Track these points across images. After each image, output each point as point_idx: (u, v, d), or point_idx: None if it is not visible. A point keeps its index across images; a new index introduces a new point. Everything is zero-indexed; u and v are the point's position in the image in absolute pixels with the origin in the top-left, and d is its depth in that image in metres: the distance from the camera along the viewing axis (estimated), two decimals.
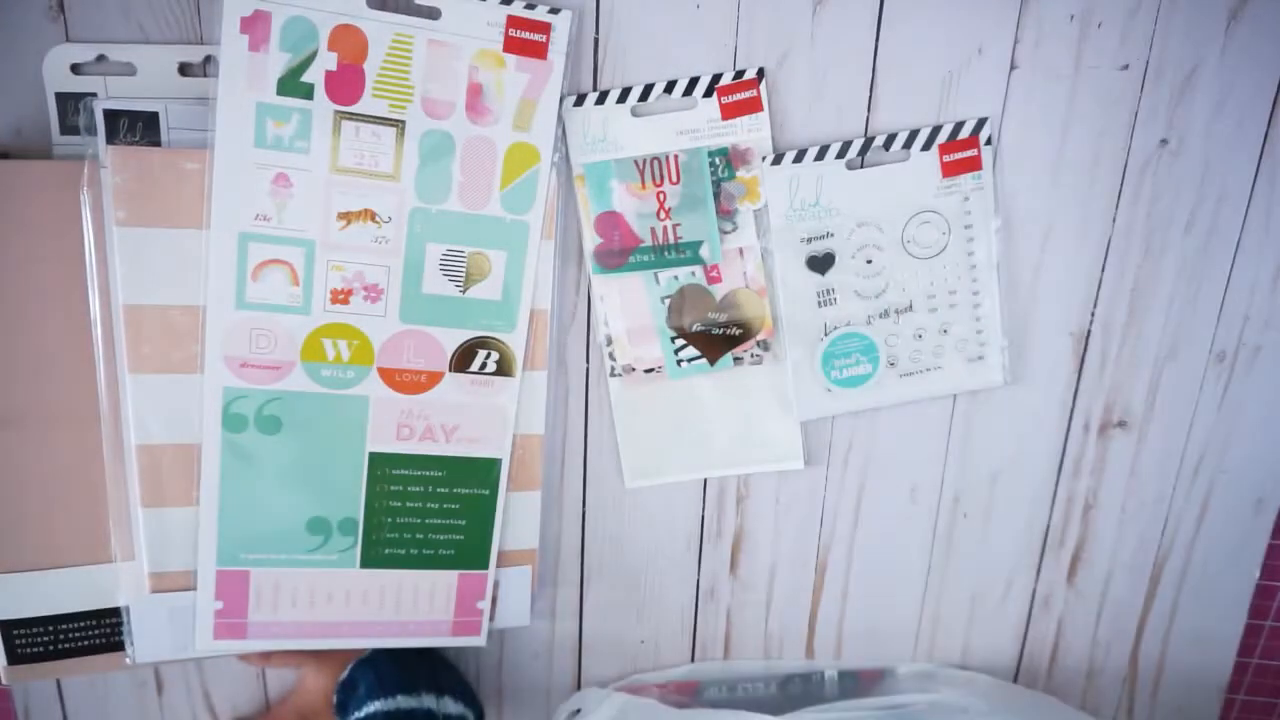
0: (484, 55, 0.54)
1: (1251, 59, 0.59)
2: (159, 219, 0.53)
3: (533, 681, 0.69)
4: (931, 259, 0.61)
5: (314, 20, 0.51)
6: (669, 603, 0.68)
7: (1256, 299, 0.64)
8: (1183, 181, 0.61)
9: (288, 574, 0.59)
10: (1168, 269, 0.63)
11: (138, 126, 0.52)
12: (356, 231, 0.55)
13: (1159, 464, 0.68)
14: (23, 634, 0.57)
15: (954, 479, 0.67)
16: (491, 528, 0.61)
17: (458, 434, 0.59)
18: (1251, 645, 0.75)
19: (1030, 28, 0.58)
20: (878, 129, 0.59)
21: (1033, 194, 0.61)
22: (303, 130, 0.53)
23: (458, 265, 0.57)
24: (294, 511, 0.58)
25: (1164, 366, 0.65)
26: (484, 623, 0.63)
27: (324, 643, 0.61)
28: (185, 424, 0.55)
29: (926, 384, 0.63)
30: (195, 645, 0.58)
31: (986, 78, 0.58)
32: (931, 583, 0.70)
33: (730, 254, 0.60)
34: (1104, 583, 0.71)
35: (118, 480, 0.56)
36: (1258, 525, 0.70)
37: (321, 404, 0.56)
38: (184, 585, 0.57)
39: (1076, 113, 0.60)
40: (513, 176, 0.56)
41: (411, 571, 0.61)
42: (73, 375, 0.54)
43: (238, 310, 0.54)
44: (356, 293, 0.56)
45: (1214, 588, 0.71)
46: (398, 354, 0.57)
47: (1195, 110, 0.60)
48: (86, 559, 0.57)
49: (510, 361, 0.59)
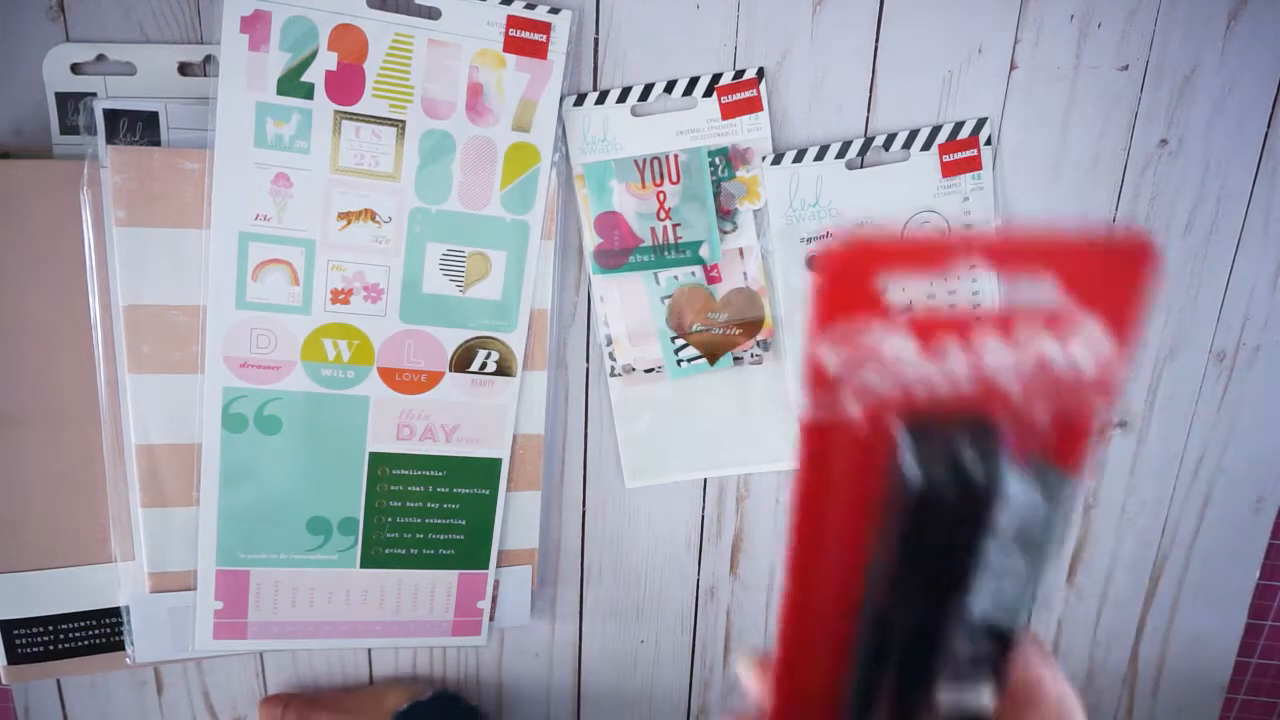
0: (484, 55, 0.54)
1: (1251, 59, 0.59)
2: (159, 219, 0.53)
3: (533, 681, 0.69)
4: None
5: (314, 20, 0.51)
6: (669, 603, 0.68)
7: (1256, 299, 0.64)
8: (1182, 182, 0.61)
9: (288, 574, 0.59)
10: (1167, 269, 0.63)
11: (138, 126, 0.52)
12: (356, 231, 0.55)
13: (1159, 464, 0.68)
14: (23, 634, 0.57)
15: None
16: (491, 528, 0.61)
17: (458, 434, 0.59)
18: (1251, 645, 0.75)
19: (1030, 28, 0.58)
20: (877, 129, 0.59)
21: (1033, 194, 0.61)
22: (303, 130, 0.53)
23: (458, 265, 0.57)
24: (294, 511, 0.58)
25: (1164, 366, 0.65)
26: (484, 622, 0.63)
27: (324, 643, 0.61)
28: (185, 424, 0.55)
29: None
30: (195, 645, 0.58)
31: (986, 78, 0.59)
32: None
33: (730, 254, 0.60)
34: (1104, 582, 0.71)
35: (118, 480, 0.56)
36: (1258, 525, 0.70)
37: (321, 404, 0.56)
38: (184, 585, 0.57)
39: (1076, 113, 0.60)
40: (513, 176, 0.56)
41: (411, 571, 0.61)
42: (73, 375, 0.54)
43: (238, 310, 0.54)
44: (356, 292, 0.56)
45: (1214, 587, 0.71)
46: (398, 354, 0.57)
47: (1195, 110, 0.60)
48: (86, 559, 0.57)
49: (510, 361, 0.59)
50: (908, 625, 0.23)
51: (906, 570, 0.22)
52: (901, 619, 0.23)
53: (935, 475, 0.20)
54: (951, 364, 0.20)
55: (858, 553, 0.23)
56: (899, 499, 0.21)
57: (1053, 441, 0.21)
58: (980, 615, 0.24)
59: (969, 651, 0.24)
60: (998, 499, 0.21)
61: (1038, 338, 0.20)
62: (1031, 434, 0.21)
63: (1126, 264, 0.20)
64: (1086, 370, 0.21)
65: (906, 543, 0.21)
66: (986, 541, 0.22)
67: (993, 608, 0.23)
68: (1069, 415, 0.21)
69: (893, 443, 0.21)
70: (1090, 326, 0.21)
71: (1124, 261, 0.20)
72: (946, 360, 0.20)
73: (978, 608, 0.23)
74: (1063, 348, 0.21)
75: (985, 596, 0.23)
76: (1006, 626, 0.24)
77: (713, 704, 0.71)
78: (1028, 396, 0.21)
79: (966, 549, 0.21)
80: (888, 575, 0.22)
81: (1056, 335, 0.21)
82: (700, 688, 0.71)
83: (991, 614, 0.24)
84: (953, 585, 0.22)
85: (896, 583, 0.22)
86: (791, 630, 0.24)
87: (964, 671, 0.24)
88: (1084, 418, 0.21)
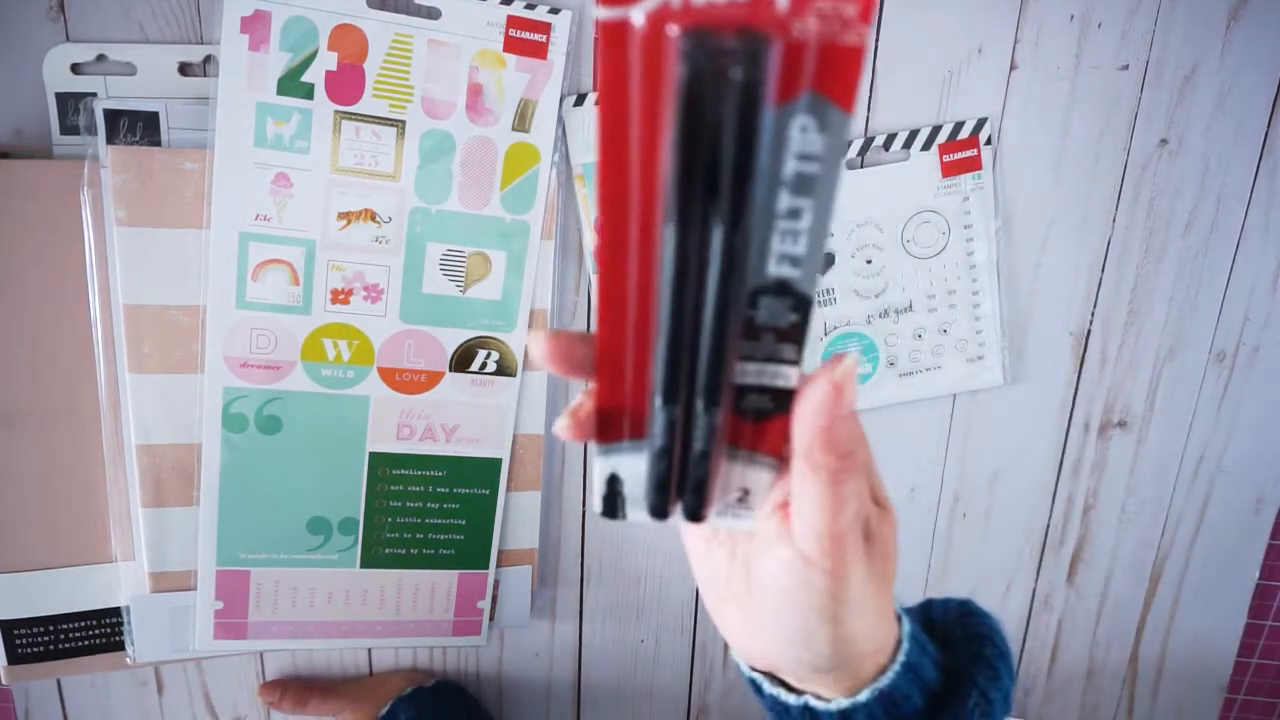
0: (484, 55, 0.54)
1: (1251, 59, 0.59)
2: (159, 219, 0.53)
3: (533, 681, 0.69)
4: (931, 259, 0.61)
5: (314, 20, 0.51)
6: (669, 603, 0.68)
7: (1256, 299, 0.64)
8: (1183, 181, 0.61)
9: (288, 574, 0.59)
10: (1167, 269, 0.63)
11: (138, 126, 0.52)
12: (356, 231, 0.55)
13: (1159, 464, 0.68)
14: (23, 634, 0.57)
15: (954, 479, 0.67)
16: (491, 528, 0.61)
17: (458, 434, 0.59)
18: (1251, 645, 0.74)
19: (1030, 27, 0.58)
20: (878, 129, 0.59)
21: (1033, 194, 0.61)
22: (303, 130, 0.53)
23: (458, 265, 0.57)
24: (294, 511, 0.58)
25: (1164, 366, 0.65)
26: (484, 622, 0.63)
27: (324, 643, 0.61)
28: (185, 424, 0.55)
29: (926, 384, 0.63)
30: (195, 645, 0.58)
31: (986, 77, 0.58)
32: (931, 582, 0.70)
33: None
34: (1104, 583, 0.71)
35: (117, 480, 0.56)
36: (1257, 525, 0.70)
37: (321, 404, 0.56)
38: (184, 585, 0.57)
39: (1076, 112, 0.60)
40: (513, 176, 0.56)
41: (411, 571, 0.61)
42: (73, 375, 0.54)
43: (238, 310, 0.54)
44: (356, 292, 0.56)
45: (1214, 587, 0.71)
46: (398, 354, 0.57)
47: (1195, 110, 0.60)
48: (86, 559, 0.57)
49: (510, 361, 0.59)
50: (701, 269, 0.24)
51: (688, 182, 0.22)
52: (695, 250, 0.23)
53: (700, 65, 0.21)
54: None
55: (655, 174, 0.23)
56: (675, 100, 0.22)
57: (822, 73, 0.23)
58: (774, 275, 0.24)
59: (769, 317, 0.25)
60: (764, 102, 0.22)
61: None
62: (800, 57, 0.22)
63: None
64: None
65: (685, 148, 0.22)
66: (762, 158, 0.23)
67: (784, 263, 0.24)
68: (834, 43, 0.22)
69: (671, 45, 0.22)
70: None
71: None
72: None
73: (769, 266, 0.24)
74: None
75: (774, 246, 0.24)
76: (801, 289, 0.25)
77: (713, 704, 0.71)
78: (793, 8, 0.22)
79: (744, 152, 0.22)
80: (677, 193, 0.23)
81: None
82: (700, 688, 0.71)
83: (786, 273, 0.24)
84: (738, 207, 0.23)
85: (684, 201, 0.23)
86: (606, 269, 0.25)
87: (767, 344, 0.25)
88: (849, 48, 0.22)
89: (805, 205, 0.24)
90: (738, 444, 0.27)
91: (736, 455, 0.27)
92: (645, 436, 0.27)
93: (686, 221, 0.23)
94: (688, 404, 0.26)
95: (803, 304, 0.25)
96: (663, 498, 0.27)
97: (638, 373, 0.26)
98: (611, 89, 0.23)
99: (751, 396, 0.26)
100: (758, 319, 0.25)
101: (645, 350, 0.26)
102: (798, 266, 0.24)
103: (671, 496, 0.27)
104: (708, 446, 0.26)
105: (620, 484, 0.28)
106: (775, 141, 0.23)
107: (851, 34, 0.22)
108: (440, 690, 0.64)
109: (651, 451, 0.26)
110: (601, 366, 0.26)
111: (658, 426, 0.26)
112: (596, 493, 0.28)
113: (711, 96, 0.22)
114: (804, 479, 0.25)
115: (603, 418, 0.27)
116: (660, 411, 0.26)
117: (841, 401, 0.24)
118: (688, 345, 0.25)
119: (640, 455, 0.27)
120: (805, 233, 0.24)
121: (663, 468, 0.26)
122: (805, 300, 0.25)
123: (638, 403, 0.26)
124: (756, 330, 0.25)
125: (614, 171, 0.24)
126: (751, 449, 0.27)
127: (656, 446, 0.26)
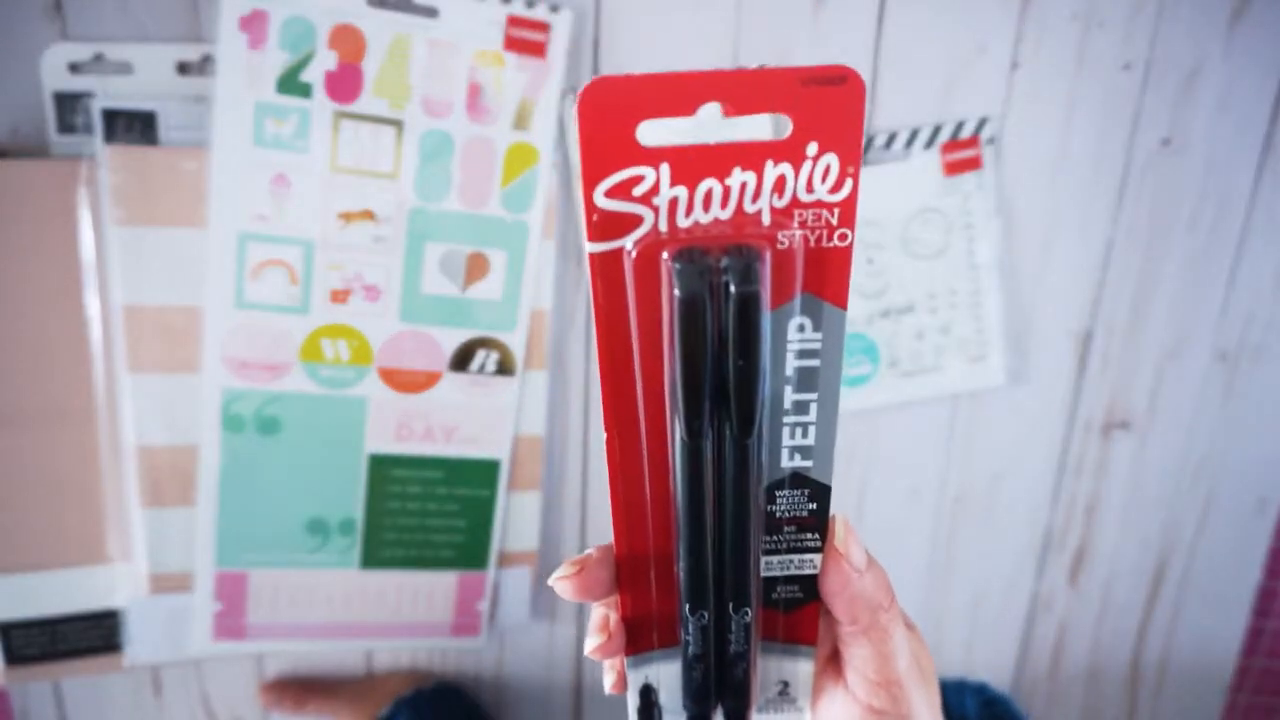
0: (484, 55, 0.54)
1: (1253, 58, 0.59)
2: (157, 219, 0.52)
3: (532, 683, 0.69)
4: (932, 259, 0.61)
5: (313, 19, 0.51)
6: None
7: (1259, 298, 0.64)
8: (1185, 181, 0.61)
9: (287, 575, 0.58)
10: (1169, 268, 0.63)
11: (136, 126, 0.52)
12: (356, 231, 0.54)
13: (1161, 464, 0.68)
14: (21, 635, 0.57)
15: (955, 480, 0.67)
16: (491, 528, 0.61)
17: (457, 434, 0.59)
18: (1254, 646, 0.74)
19: (1032, 26, 0.58)
20: (879, 128, 0.59)
21: (1034, 193, 0.61)
22: (302, 129, 0.52)
23: (457, 265, 0.56)
24: (293, 512, 0.57)
25: (1166, 366, 0.65)
26: (483, 623, 0.63)
27: (324, 644, 0.60)
28: (184, 424, 0.55)
29: (927, 384, 0.63)
30: (194, 646, 0.58)
31: (988, 77, 0.58)
32: (932, 583, 0.69)
33: None
34: (1106, 584, 0.71)
35: (116, 480, 0.56)
36: (1260, 526, 0.70)
37: (321, 404, 0.56)
38: (183, 586, 0.57)
39: (1078, 112, 0.59)
40: (513, 176, 0.56)
41: (411, 572, 0.60)
42: (70, 375, 0.54)
43: (237, 310, 0.54)
44: (356, 292, 0.55)
45: (1216, 588, 0.71)
46: (397, 354, 0.57)
47: (1197, 109, 0.60)
48: (85, 559, 0.57)
49: (510, 361, 0.58)
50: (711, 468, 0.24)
51: (695, 395, 0.23)
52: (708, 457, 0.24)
53: (695, 285, 0.22)
54: (707, 191, 0.23)
55: (660, 387, 0.24)
56: (676, 320, 0.22)
57: (812, 275, 0.23)
58: (789, 468, 0.25)
59: (788, 509, 0.25)
60: (761, 310, 0.23)
61: (777, 166, 0.23)
62: (790, 263, 0.23)
63: (841, 96, 0.23)
64: (823, 193, 0.23)
65: (690, 363, 0.23)
66: (765, 361, 0.23)
67: (796, 455, 0.25)
68: (820, 248, 0.23)
69: (666, 268, 0.23)
70: (819, 152, 0.23)
71: (839, 94, 0.23)
72: (702, 189, 0.23)
73: (783, 460, 0.25)
74: (798, 173, 0.23)
75: (785, 441, 0.25)
76: (816, 478, 0.25)
77: None
78: (776, 222, 0.23)
79: (747, 360, 0.23)
80: (686, 406, 0.23)
81: (792, 163, 0.23)
82: None
83: (799, 465, 0.25)
84: (745, 412, 0.23)
85: (693, 412, 0.23)
86: (619, 481, 0.26)
87: (789, 535, 0.26)
88: (835, 250, 0.23)
89: (811, 399, 0.24)
90: (773, 637, 0.27)
91: (772, 649, 0.27)
92: (676, 643, 0.27)
93: (697, 431, 0.23)
94: (718, 607, 0.25)
95: (820, 492, 0.25)
96: (703, 706, 0.27)
97: (661, 579, 0.26)
98: (608, 311, 0.23)
99: (780, 588, 0.26)
100: (777, 512, 0.25)
101: (667, 556, 0.26)
102: (809, 457, 0.25)
103: (711, 702, 0.27)
104: (743, 647, 0.26)
105: (655, 694, 0.27)
106: (775, 343, 0.24)
107: (835, 238, 0.23)
108: (440, 692, 0.64)
109: (685, 659, 0.26)
110: (624, 578, 0.26)
111: (689, 634, 0.26)
112: (630, 706, 0.27)
113: (710, 313, 0.22)
114: (855, 642, 0.26)
115: (630, 628, 0.27)
116: (690, 619, 0.25)
117: (855, 564, 0.25)
118: (711, 549, 0.25)
119: (673, 662, 0.27)
120: (814, 425, 0.24)
121: (698, 675, 0.26)
122: (823, 489, 0.25)
123: (665, 608, 0.26)
124: (778, 523, 0.25)
125: (618, 388, 0.24)
126: (787, 640, 0.27)
127: (690, 653, 0.26)
